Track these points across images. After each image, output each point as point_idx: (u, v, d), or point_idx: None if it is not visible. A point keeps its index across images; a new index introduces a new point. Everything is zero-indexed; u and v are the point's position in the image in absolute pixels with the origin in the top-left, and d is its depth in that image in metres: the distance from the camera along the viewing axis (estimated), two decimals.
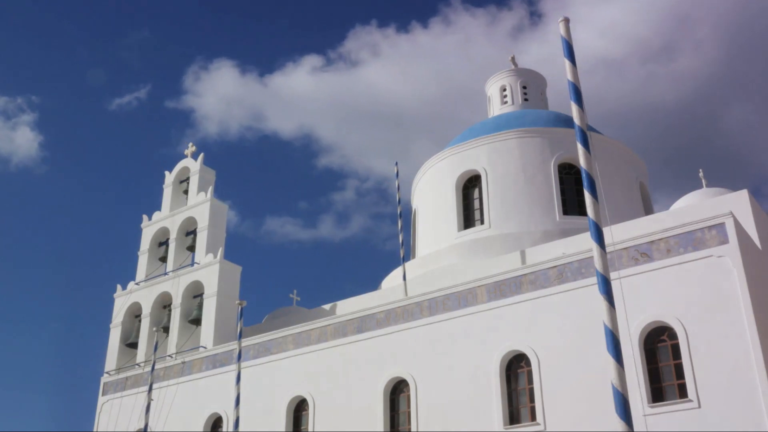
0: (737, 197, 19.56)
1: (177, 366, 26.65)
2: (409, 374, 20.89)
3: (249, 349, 24.54)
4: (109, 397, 28.30)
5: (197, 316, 27.80)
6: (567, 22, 10.18)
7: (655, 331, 17.46)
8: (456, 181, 28.25)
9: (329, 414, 22.05)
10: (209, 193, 29.90)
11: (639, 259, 18.04)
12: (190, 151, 32.26)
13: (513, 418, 19.01)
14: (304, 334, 23.75)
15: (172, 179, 31.97)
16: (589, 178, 9.36)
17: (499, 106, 32.62)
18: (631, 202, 27.35)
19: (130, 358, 29.29)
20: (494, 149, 27.96)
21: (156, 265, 30.81)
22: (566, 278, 19.09)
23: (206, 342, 26.61)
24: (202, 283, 28.07)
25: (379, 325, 22.08)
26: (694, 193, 23.30)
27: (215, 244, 28.88)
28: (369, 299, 25.02)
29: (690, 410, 16.17)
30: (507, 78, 33.06)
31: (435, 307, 21.13)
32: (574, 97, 9.83)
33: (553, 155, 27.23)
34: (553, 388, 18.29)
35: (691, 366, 16.51)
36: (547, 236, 24.42)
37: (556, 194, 26.51)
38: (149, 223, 31.65)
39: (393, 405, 21.25)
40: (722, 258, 16.91)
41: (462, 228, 27.48)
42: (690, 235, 17.58)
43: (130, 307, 30.06)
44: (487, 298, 20.25)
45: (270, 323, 27.74)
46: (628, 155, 28.77)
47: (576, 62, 10.01)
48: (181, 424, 25.34)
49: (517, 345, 19.30)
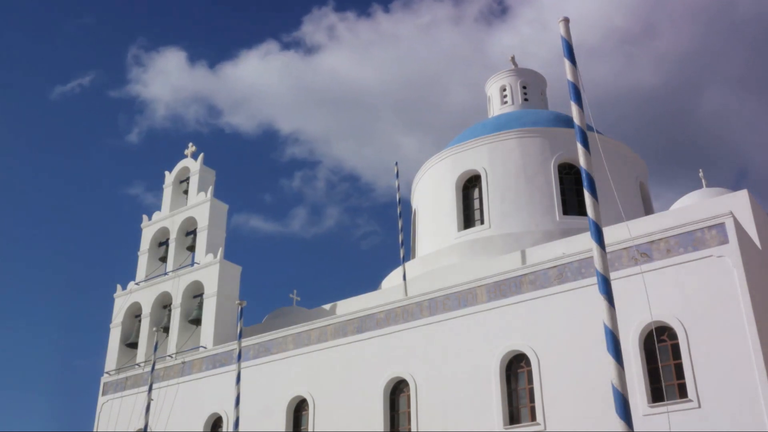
0: (737, 197, 19.57)
1: (177, 366, 26.65)
2: (409, 374, 20.89)
3: (249, 349, 24.54)
4: (109, 397, 28.31)
5: (197, 316, 27.80)
6: (567, 22, 10.17)
7: (655, 331, 17.46)
8: (456, 181, 28.25)
9: (329, 414, 22.06)
10: (209, 193, 29.91)
11: (639, 259, 18.04)
12: (190, 152, 32.27)
13: (513, 418, 19.02)
14: (304, 334, 23.75)
15: (172, 179, 31.98)
16: (589, 178, 9.36)
17: (499, 106, 32.63)
18: (631, 202, 27.36)
19: (130, 358, 29.29)
20: (494, 149, 27.96)
21: (156, 265, 30.82)
22: (566, 278, 19.09)
23: (206, 342, 26.61)
24: (202, 283, 28.07)
25: (379, 325, 22.08)
26: (694, 193, 23.31)
27: (215, 244, 28.88)
28: (369, 299, 25.02)
29: (690, 410, 16.17)
30: (507, 78, 33.07)
31: (435, 307, 21.13)
32: (574, 97, 9.82)
33: (553, 155, 27.24)
34: (553, 388, 18.29)
35: (691, 366, 16.51)
36: (547, 236, 24.42)
37: (556, 194, 26.51)
38: (149, 223, 31.66)
39: (393, 405, 21.25)
40: (722, 258, 16.91)
41: (462, 228, 27.48)
42: (690, 235, 17.58)
43: (130, 307, 30.06)
44: (487, 298, 20.25)
45: (270, 323, 27.74)
46: (628, 155, 28.78)
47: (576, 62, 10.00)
48: (181, 424, 25.34)
49: (517, 345, 19.30)
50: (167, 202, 31.62)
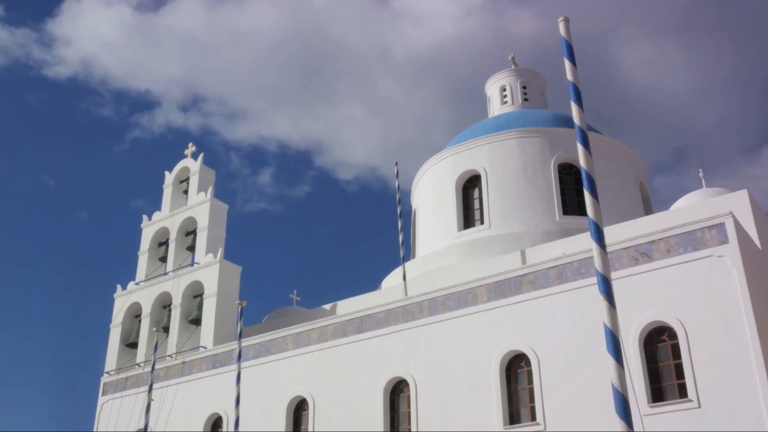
0: (737, 197, 19.56)
1: (177, 366, 26.64)
2: (409, 374, 20.89)
3: (249, 349, 24.53)
4: (109, 397, 28.30)
5: (197, 316, 27.80)
6: (567, 21, 10.16)
7: (655, 331, 17.46)
8: (456, 181, 28.25)
9: (329, 414, 22.05)
10: (209, 193, 29.91)
11: (639, 259, 18.04)
12: (190, 151, 32.26)
13: (513, 418, 19.01)
14: (304, 334, 23.75)
15: (172, 179, 31.98)
16: (589, 178, 9.35)
17: (499, 106, 32.63)
18: (631, 202, 27.36)
19: (130, 358, 29.29)
20: (494, 149, 27.96)
21: (156, 265, 30.82)
22: (566, 278, 19.09)
23: (206, 342, 26.61)
24: (202, 283, 28.07)
25: (379, 325, 22.07)
26: (694, 193, 23.29)
27: (215, 244, 28.88)
28: (369, 299, 25.02)
29: (690, 410, 16.17)
30: (507, 78, 33.07)
31: (435, 307, 21.13)
32: (574, 97, 9.81)
33: (553, 155, 27.24)
34: (553, 388, 18.28)
35: (691, 366, 16.50)
36: (547, 236, 24.42)
37: (556, 194, 26.51)
38: (149, 223, 31.66)
39: (393, 405, 21.25)
40: (722, 258, 16.91)
41: (462, 228, 27.48)
42: (690, 235, 17.58)
43: (130, 307, 30.06)
44: (487, 298, 20.25)
45: (270, 323, 27.74)
46: (628, 155, 28.78)
47: (575, 62, 9.99)
48: (181, 424, 25.34)
49: (517, 345, 19.30)
50: (167, 202, 31.62)
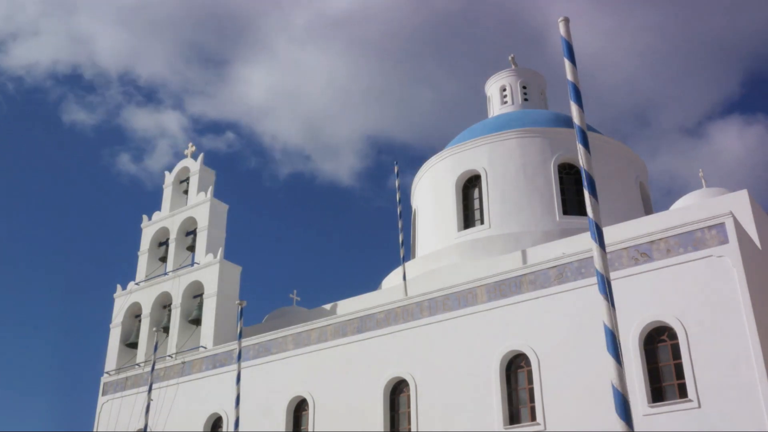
0: (737, 197, 19.57)
1: (177, 366, 26.65)
2: (409, 374, 20.89)
3: (249, 349, 24.53)
4: (109, 397, 28.30)
5: (197, 316, 27.80)
6: (567, 21, 10.16)
7: (655, 331, 17.46)
8: (456, 181, 28.25)
9: (329, 414, 22.05)
10: (209, 193, 29.91)
11: (639, 259, 18.04)
12: (190, 151, 32.27)
13: (513, 418, 19.01)
14: (304, 334, 23.75)
15: (172, 179, 31.98)
16: (589, 178, 9.35)
17: (499, 106, 32.64)
18: (631, 202, 27.36)
19: (130, 358, 29.29)
20: (494, 149, 27.96)
21: (156, 265, 30.82)
22: (566, 278, 19.09)
23: (206, 342, 26.61)
24: (202, 283, 28.06)
25: (379, 325, 22.07)
26: (694, 193, 23.29)
27: (215, 244, 28.88)
28: (369, 299, 25.02)
29: (690, 410, 16.16)
30: (507, 78, 33.07)
31: (435, 307, 21.13)
32: (574, 97, 9.82)
33: (553, 155, 27.24)
34: (553, 388, 18.28)
35: (691, 366, 16.50)
36: (547, 236, 24.42)
37: (556, 194, 26.51)
38: (149, 223, 31.66)
39: (393, 405, 21.25)
40: (722, 258, 16.91)
41: (462, 228, 27.47)
42: (690, 235, 17.58)
43: (130, 307, 30.06)
44: (487, 298, 20.25)
45: (270, 323, 27.74)
46: (628, 155, 28.79)
47: (576, 62, 10.00)
48: (181, 424, 25.34)
49: (517, 345, 19.29)
50: (167, 202, 31.62)
